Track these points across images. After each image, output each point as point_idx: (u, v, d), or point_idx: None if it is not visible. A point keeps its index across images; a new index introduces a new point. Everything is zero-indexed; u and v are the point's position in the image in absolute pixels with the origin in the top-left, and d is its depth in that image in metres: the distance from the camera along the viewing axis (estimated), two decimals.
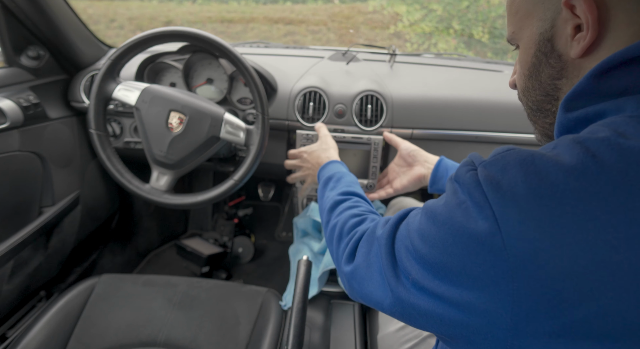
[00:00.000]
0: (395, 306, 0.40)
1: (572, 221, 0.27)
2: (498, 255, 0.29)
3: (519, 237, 0.28)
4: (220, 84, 1.12)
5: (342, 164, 0.80)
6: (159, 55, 1.09)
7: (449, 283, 0.33)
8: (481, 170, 0.32)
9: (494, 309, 0.30)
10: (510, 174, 0.30)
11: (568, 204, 0.27)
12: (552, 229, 0.27)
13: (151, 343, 0.81)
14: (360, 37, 3.78)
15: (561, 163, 0.28)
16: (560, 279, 0.27)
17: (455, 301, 0.32)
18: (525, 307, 0.28)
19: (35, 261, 1.08)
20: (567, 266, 0.27)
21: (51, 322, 0.81)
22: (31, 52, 1.06)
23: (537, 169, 0.29)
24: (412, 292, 0.37)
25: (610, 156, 0.28)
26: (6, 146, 0.94)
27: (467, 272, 0.31)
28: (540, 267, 0.27)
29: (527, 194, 0.28)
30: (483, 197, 0.30)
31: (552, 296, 0.27)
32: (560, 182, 0.28)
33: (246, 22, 4.32)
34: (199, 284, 0.94)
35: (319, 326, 0.90)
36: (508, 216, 0.29)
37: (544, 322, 0.28)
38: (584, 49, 0.36)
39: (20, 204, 1.01)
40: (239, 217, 1.71)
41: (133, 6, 5.28)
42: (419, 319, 0.37)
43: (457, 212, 0.33)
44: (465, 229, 0.31)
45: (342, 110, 1.05)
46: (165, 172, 0.92)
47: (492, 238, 0.29)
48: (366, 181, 1.03)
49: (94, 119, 0.90)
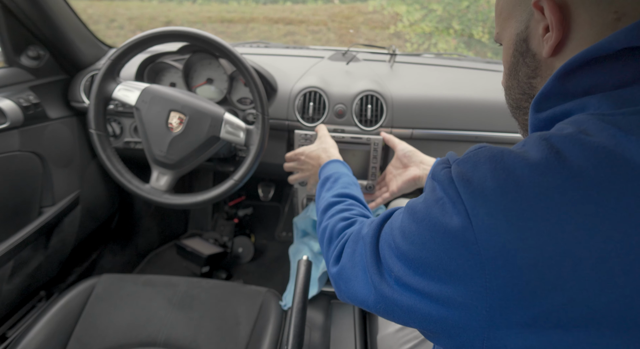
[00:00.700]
0: (379, 303, 0.41)
1: (536, 214, 0.28)
2: (470, 249, 0.30)
3: (488, 231, 0.29)
4: (220, 84, 1.12)
5: (343, 164, 0.80)
6: (159, 55, 1.09)
7: (428, 278, 0.34)
8: (454, 167, 0.34)
9: (470, 302, 0.31)
10: (481, 171, 0.31)
11: (532, 198, 0.28)
12: (518, 222, 0.28)
13: (151, 343, 0.81)
14: (360, 37, 3.78)
15: (527, 159, 0.30)
16: (527, 270, 0.28)
17: (435, 296, 0.34)
18: (497, 299, 0.29)
19: (35, 261, 1.08)
20: (533, 257, 0.28)
21: (51, 322, 0.81)
22: (31, 52, 1.06)
23: (505, 165, 0.30)
24: (395, 289, 0.38)
25: (572, 152, 0.29)
26: (6, 146, 0.94)
27: (444, 267, 0.32)
28: (509, 259, 0.28)
29: (495, 190, 0.30)
30: (456, 193, 0.32)
31: (522, 287, 0.28)
32: (526, 177, 0.29)
33: (246, 22, 4.33)
34: (199, 284, 0.94)
35: (319, 326, 0.90)
36: (478, 211, 0.30)
37: (516, 313, 0.29)
38: (552, 48, 0.37)
39: (20, 204, 1.01)
40: (239, 217, 1.71)
41: (133, 6, 5.28)
42: (401, 315, 0.38)
43: (435, 208, 0.34)
44: (442, 225, 0.33)
45: (342, 110, 1.05)
46: (165, 172, 0.92)
47: (465, 233, 0.30)
48: (365, 182, 1.02)
49: (94, 119, 0.90)
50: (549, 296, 0.27)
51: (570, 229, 0.27)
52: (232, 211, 1.71)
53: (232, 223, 1.70)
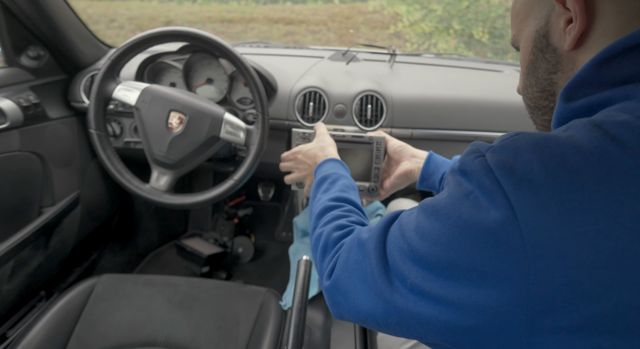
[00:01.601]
0: (390, 316, 0.36)
1: (595, 206, 0.25)
2: (514, 246, 0.27)
3: (537, 225, 0.26)
4: (220, 84, 1.12)
5: (341, 164, 0.75)
6: (159, 55, 1.09)
7: (455, 283, 0.30)
8: (490, 155, 0.30)
9: (507, 307, 0.28)
10: (524, 158, 0.28)
11: (590, 188, 0.25)
12: (574, 215, 0.25)
13: (151, 343, 0.81)
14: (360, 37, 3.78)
15: (579, 145, 0.27)
16: (581, 269, 0.25)
17: (462, 303, 0.30)
18: (541, 302, 0.26)
19: (35, 261, 1.08)
20: (589, 255, 0.25)
21: (51, 322, 0.81)
22: (31, 52, 1.06)
23: (553, 151, 0.27)
24: (410, 298, 0.34)
25: (631, 139, 0.26)
26: (6, 146, 0.94)
27: (477, 268, 0.29)
28: (560, 257, 0.26)
29: (545, 179, 0.27)
30: (496, 183, 0.28)
31: (572, 288, 0.25)
32: (580, 165, 0.26)
33: (246, 22, 4.33)
34: (199, 284, 0.94)
35: (319, 326, 0.90)
36: (525, 202, 0.27)
37: (561, 317, 0.26)
38: (575, 39, 0.36)
39: (20, 204, 1.01)
40: (239, 217, 1.71)
41: (133, 6, 5.28)
42: (419, 328, 0.34)
43: (464, 203, 0.31)
44: (475, 221, 0.29)
45: (342, 110, 1.05)
46: (165, 172, 0.92)
47: (508, 228, 0.27)
48: (368, 184, 0.98)
49: (94, 119, 0.90)
50: (603, 298, 0.25)
51: (633, 225, 0.24)
52: (232, 211, 1.71)
53: (232, 223, 1.70)
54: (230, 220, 1.70)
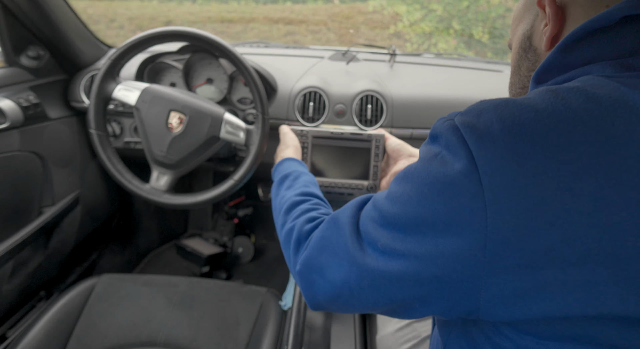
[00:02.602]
0: (363, 279, 0.39)
1: (542, 154, 0.29)
2: (474, 193, 0.30)
3: (494, 172, 0.30)
4: (220, 84, 1.12)
5: (299, 163, 0.75)
6: (159, 55, 1.09)
7: (423, 236, 0.34)
8: (458, 118, 0.34)
9: (469, 251, 0.31)
10: (486, 117, 0.32)
11: (539, 139, 0.29)
12: (525, 162, 0.29)
13: (151, 343, 0.81)
14: (360, 37, 3.78)
15: (533, 105, 0.31)
16: (530, 209, 0.29)
17: (429, 254, 0.33)
18: (497, 242, 0.30)
19: (35, 261, 1.08)
20: (537, 195, 0.28)
21: (51, 322, 0.81)
22: (31, 52, 1.06)
23: (511, 111, 0.31)
24: (381, 259, 0.37)
25: (577, 100, 0.30)
26: (6, 146, 0.94)
27: (442, 219, 0.32)
28: (512, 199, 0.29)
29: (501, 132, 0.30)
30: (460, 139, 0.32)
31: (523, 226, 0.29)
32: (532, 120, 0.30)
33: (246, 22, 4.33)
34: (199, 284, 0.94)
35: (319, 326, 0.90)
36: (485, 153, 0.30)
37: (515, 254, 0.29)
38: (549, 40, 0.40)
39: (20, 204, 1.01)
40: (239, 217, 1.71)
41: (133, 6, 5.28)
42: (389, 287, 0.37)
43: (432, 163, 0.34)
44: (441, 175, 0.33)
45: (342, 110, 1.05)
46: (165, 172, 0.92)
47: (469, 177, 0.31)
48: (367, 183, 0.97)
49: (94, 119, 0.90)
50: (548, 234, 0.28)
51: (572, 169, 0.28)
52: (232, 211, 1.71)
53: (232, 223, 1.70)
54: (230, 220, 1.70)
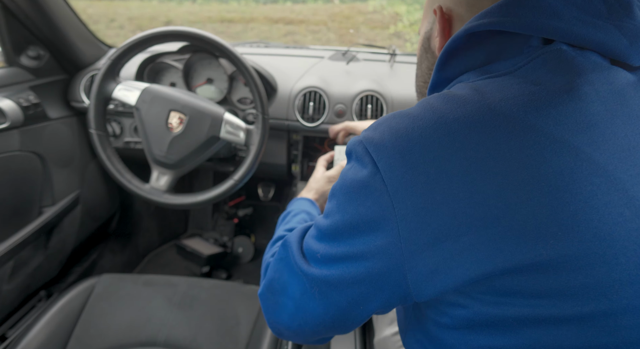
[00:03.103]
0: (312, 287, 0.43)
1: (419, 149, 0.35)
2: (381, 192, 0.36)
3: (390, 172, 0.36)
4: (220, 84, 1.12)
5: (310, 202, 0.75)
6: (159, 55, 1.09)
7: (350, 239, 0.39)
8: (363, 135, 0.40)
9: (388, 241, 0.36)
10: (380, 129, 0.38)
11: (415, 138, 0.35)
12: (409, 157, 0.35)
13: (151, 343, 0.81)
14: (360, 37, 3.78)
15: (411, 114, 0.37)
16: (420, 195, 0.34)
17: (359, 254, 0.38)
18: (406, 227, 0.35)
19: (35, 261, 1.08)
20: (422, 183, 0.34)
21: (51, 322, 0.81)
22: (31, 52, 1.06)
23: (397, 121, 0.38)
24: (322, 268, 0.41)
25: (440, 103, 0.37)
26: (6, 146, 0.94)
27: (361, 218, 0.37)
28: (407, 189, 0.35)
29: (390, 139, 0.37)
30: (365, 150, 0.38)
31: (419, 209, 0.34)
32: (409, 125, 0.36)
33: (246, 22, 4.33)
34: (199, 284, 0.94)
35: None
36: (382, 157, 0.36)
37: (420, 235, 0.35)
38: (439, 50, 0.46)
39: (20, 204, 1.01)
40: (239, 217, 1.71)
41: (133, 6, 5.29)
42: (334, 293, 0.41)
43: (347, 174, 0.40)
44: (354, 182, 0.39)
45: (342, 110, 1.05)
46: (165, 172, 0.92)
47: (374, 178, 0.36)
48: None
49: (94, 119, 0.90)
50: (438, 212, 0.34)
51: (442, 155, 0.34)
52: (232, 211, 1.71)
53: (232, 223, 1.70)
54: (230, 220, 1.70)
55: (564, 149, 0.33)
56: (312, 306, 0.43)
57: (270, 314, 0.50)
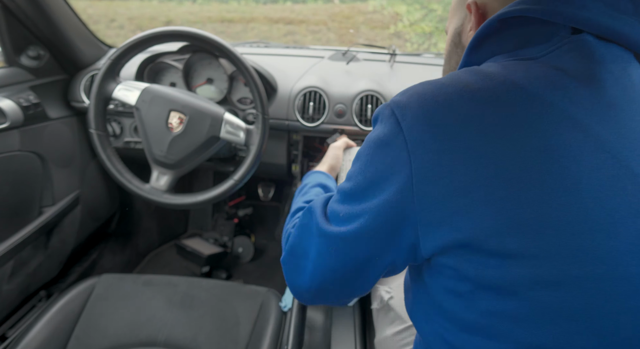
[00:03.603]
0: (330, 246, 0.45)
1: (442, 115, 0.38)
2: (401, 147, 0.39)
3: (412, 130, 0.38)
4: (220, 84, 1.12)
5: (325, 175, 0.79)
6: (159, 55, 1.09)
7: (371, 194, 0.41)
8: (392, 100, 0.43)
9: (403, 191, 0.39)
10: (408, 94, 0.41)
11: (440, 104, 0.38)
12: (430, 121, 0.38)
13: (151, 343, 0.81)
14: (360, 37, 3.78)
15: (442, 82, 0.40)
16: (437, 156, 0.37)
17: (377, 206, 0.41)
18: (419, 181, 0.38)
19: (35, 261, 1.08)
20: (440, 146, 0.37)
21: (51, 322, 0.81)
22: (31, 52, 1.06)
23: (426, 87, 0.40)
24: (342, 226, 0.44)
25: (468, 75, 0.39)
26: (6, 146, 0.94)
27: (381, 175, 0.40)
28: (425, 148, 0.38)
29: (417, 102, 0.39)
30: (391, 112, 0.41)
31: (434, 167, 0.37)
32: (437, 91, 0.39)
33: (246, 22, 4.33)
34: (199, 284, 0.94)
35: (319, 327, 0.90)
36: (406, 117, 0.39)
37: (432, 189, 0.37)
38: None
39: (20, 204, 1.01)
40: (239, 217, 1.71)
41: (133, 6, 5.29)
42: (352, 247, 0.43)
43: (372, 136, 0.43)
44: (377, 141, 0.41)
45: (342, 110, 1.05)
46: (165, 172, 0.92)
47: (397, 136, 0.39)
48: None
49: (94, 118, 0.90)
50: (451, 174, 0.36)
51: (462, 118, 0.37)
52: (232, 211, 1.71)
53: (232, 223, 1.69)
54: (230, 220, 1.70)
55: (575, 126, 0.35)
56: (330, 263, 0.46)
57: (292, 277, 0.53)
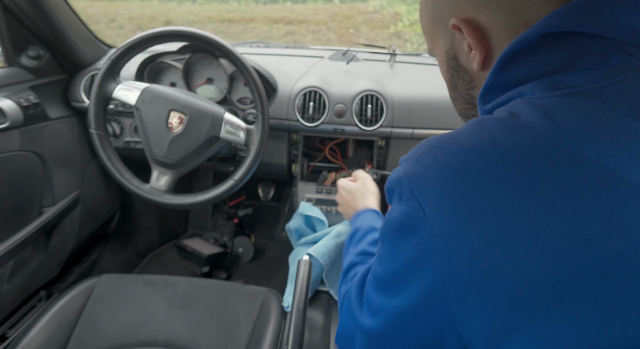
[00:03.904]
0: (370, 342, 0.40)
1: (476, 194, 0.29)
2: (428, 239, 0.31)
3: (439, 217, 0.30)
4: (220, 84, 1.12)
5: (377, 214, 0.74)
6: (159, 55, 1.09)
7: (401, 292, 0.35)
8: (403, 167, 0.36)
9: (435, 294, 0.32)
10: (424, 163, 0.33)
11: (471, 179, 0.30)
12: (463, 203, 0.29)
13: (151, 343, 0.81)
14: (360, 37, 3.78)
15: (462, 143, 0.32)
16: (477, 250, 0.28)
17: (408, 310, 0.34)
18: (457, 287, 0.30)
19: (35, 261, 1.08)
20: (480, 235, 0.28)
21: (51, 322, 0.81)
22: (31, 52, 1.06)
23: (444, 152, 0.32)
24: (374, 319, 0.38)
25: (501, 133, 0.30)
26: (6, 146, 0.93)
27: (410, 270, 0.33)
28: (460, 242, 0.29)
29: (437, 178, 0.31)
30: (407, 189, 0.33)
31: (475, 268, 0.29)
32: (462, 161, 0.31)
33: (246, 22, 4.33)
34: (199, 284, 0.94)
35: (319, 326, 0.90)
36: (428, 200, 0.31)
37: (476, 298, 0.29)
38: (480, 65, 0.39)
39: (20, 204, 1.01)
40: (239, 217, 1.71)
41: (133, 6, 5.29)
42: (390, 346, 0.38)
43: (392, 216, 0.36)
44: (399, 225, 0.34)
45: (342, 110, 1.05)
46: (165, 172, 0.92)
47: (422, 225, 0.32)
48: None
49: (94, 118, 0.90)
50: (500, 274, 0.28)
51: (506, 205, 0.28)
52: (232, 211, 1.71)
53: (232, 223, 1.69)
54: (230, 220, 1.70)
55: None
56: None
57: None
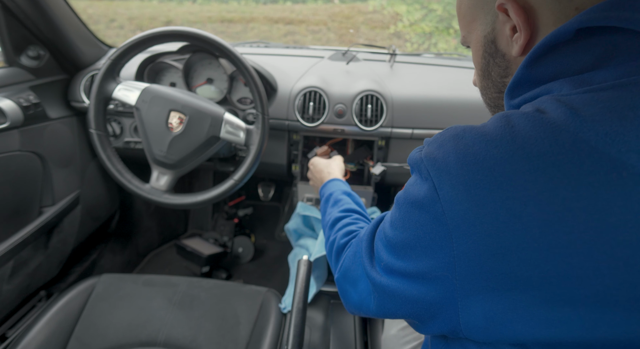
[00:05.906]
0: (372, 292, 0.43)
1: (490, 183, 0.30)
2: (439, 219, 0.33)
3: (452, 202, 0.32)
4: (220, 84, 1.12)
5: (343, 182, 0.82)
6: (159, 55, 1.09)
7: (409, 259, 0.37)
8: (425, 149, 0.37)
9: (442, 274, 0.33)
10: (445, 149, 0.34)
11: (487, 169, 0.31)
12: (476, 191, 0.31)
13: (151, 343, 0.81)
14: (360, 37, 3.78)
15: (485, 134, 0.32)
16: (486, 235, 0.30)
17: (414, 275, 0.36)
18: (464, 265, 0.32)
19: (35, 261, 1.08)
20: (490, 222, 0.30)
21: (51, 322, 0.81)
22: (31, 52, 1.06)
23: (466, 141, 0.33)
24: (383, 276, 0.41)
25: (524, 127, 0.31)
26: (6, 146, 0.94)
27: (420, 243, 0.35)
28: (470, 226, 0.31)
29: (456, 164, 0.32)
30: (425, 170, 0.35)
31: (483, 250, 0.30)
32: (482, 150, 0.32)
33: (246, 22, 4.33)
34: (199, 284, 0.94)
35: (319, 326, 0.90)
36: (443, 184, 0.33)
37: (480, 277, 0.31)
38: (522, 48, 0.38)
39: (20, 204, 1.01)
40: (239, 217, 1.71)
41: (133, 6, 5.28)
42: (390, 302, 0.40)
43: (410, 189, 0.38)
44: (415, 200, 0.36)
45: (342, 110, 1.05)
46: (165, 172, 0.92)
47: (434, 205, 0.33)
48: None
49: (94, 118, 0.90)
50: (506, 258, 0.29)
51: (518, 196, 0.29)
52: (232, 211, 1.71)
53: (232, 223, 1.69)
54: (230, 220, 1.70)
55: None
56: (371, 306, 0.44)
57: (343, 297, 0.53)
